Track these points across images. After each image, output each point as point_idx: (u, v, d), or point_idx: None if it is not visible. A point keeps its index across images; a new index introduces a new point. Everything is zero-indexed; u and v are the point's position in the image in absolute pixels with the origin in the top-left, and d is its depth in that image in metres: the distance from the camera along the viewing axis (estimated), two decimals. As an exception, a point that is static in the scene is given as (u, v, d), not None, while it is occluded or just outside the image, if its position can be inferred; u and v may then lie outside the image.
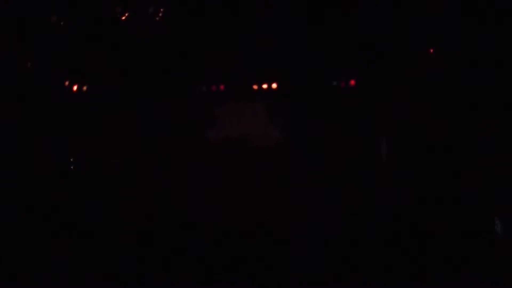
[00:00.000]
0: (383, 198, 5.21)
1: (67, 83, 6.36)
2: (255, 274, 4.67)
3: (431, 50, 5.25)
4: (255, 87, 7.18)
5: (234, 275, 4.67)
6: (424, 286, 4.50)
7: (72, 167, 5.94)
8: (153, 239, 5.07)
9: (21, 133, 5.38)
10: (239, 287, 4.61)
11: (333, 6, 5.39)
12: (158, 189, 6.20)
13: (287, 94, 7.03)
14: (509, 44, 4.70)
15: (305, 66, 6.40)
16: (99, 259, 4.78)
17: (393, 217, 4.97)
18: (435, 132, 5.03)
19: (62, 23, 5.48)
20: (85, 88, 6.61)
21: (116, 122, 6.47)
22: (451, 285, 4.46)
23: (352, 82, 6.41)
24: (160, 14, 5.72)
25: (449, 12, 4.86)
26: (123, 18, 5.58)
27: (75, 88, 6.46)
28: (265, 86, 7.14)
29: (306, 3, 5.46)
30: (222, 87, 7.30)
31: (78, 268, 4.68)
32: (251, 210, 5.50)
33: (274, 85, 7.16)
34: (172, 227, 5.22)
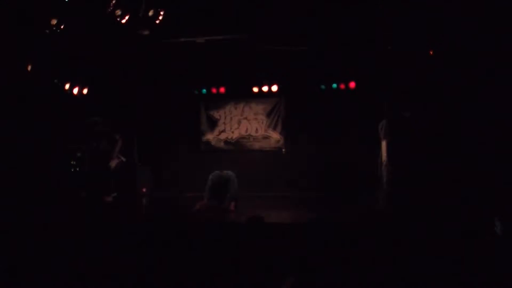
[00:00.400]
0: (383, 198, 5.23)
1: (67, 85, 6.39)
2: (255, 274, 4.66)
3: (431, 52, 5.29)
4: (255, 89, 7.22)
5: (234, 275, 4.66)
6: (425, 286, 4.49)
7: (72, 168, 5.95)
8: (153, 239, 5.07)
9: (21, 133, 5.39)
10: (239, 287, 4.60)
11: (333, 7, 5.42)
12: (158, 190, 6.20)
13: (287, 96, 7.03)
14: (509, 44, 4.72)
15: (305, 67, 6.43)
16: (99, 259, 4.77)
17: (392, 217, 4.98)
18: (436, 132, 5.05)
19: (62, 26, 5.49)
20: (85, 89, 6.64)
21: (116, 122, 6.49)
22: (451, 285, 4.46)
23: (352, 84, 6.45)
24: (160, 17, 5.73)
25: (449, 12, 4.89)
26: (123, 21, 5.60)
27: (75, 90, 6.48)
28: (265, 88, 7.16)
29: (306, 4, 5.49)
30: (222, 89, 7.34)
31: (78, 268, 4.67)
32: (251, 211, 5.51)
33: (274, 88, 7.18)
34: (172, 228, 5.23)
